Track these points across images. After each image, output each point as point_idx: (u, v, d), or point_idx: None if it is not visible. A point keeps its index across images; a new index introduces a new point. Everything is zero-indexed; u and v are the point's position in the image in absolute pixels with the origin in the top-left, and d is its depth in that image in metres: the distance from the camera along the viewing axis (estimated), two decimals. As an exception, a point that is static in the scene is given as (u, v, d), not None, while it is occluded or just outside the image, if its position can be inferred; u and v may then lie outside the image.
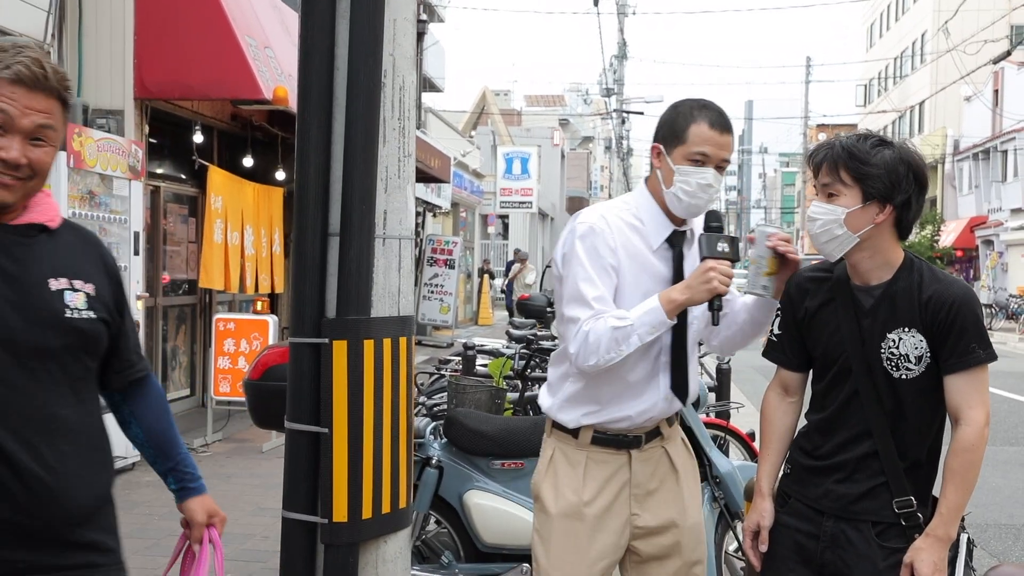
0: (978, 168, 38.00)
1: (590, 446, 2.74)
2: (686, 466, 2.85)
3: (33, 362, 1.85)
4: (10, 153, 1.84)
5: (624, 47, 39.82)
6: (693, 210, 2.68)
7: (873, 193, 2.43)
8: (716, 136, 2.62)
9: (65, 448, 1.89)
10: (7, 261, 1.86)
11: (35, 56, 1.87)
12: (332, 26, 3.16)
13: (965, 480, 2.40)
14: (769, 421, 2.73)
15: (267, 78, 8.31)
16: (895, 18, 50.87)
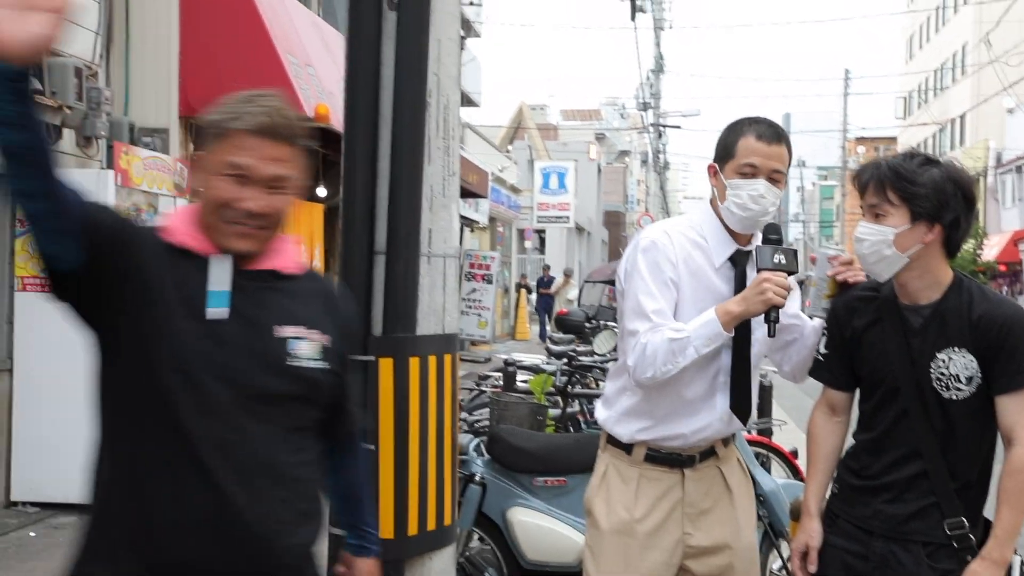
0: (1021, 181, 37.46)
1: (643, 463, 2.74)
2: (741, 487, 2.84)
3: (259, 406, 1.84)
4: (252, 204, 1.85)
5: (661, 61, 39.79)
6: (748, 223, 2.68)
7: (921, 213, 2.42)
8: (763, 147, 2.63)
9: (281, 494, 1.86)
10: (244, 304, 1.87)
11: (275, 105, 1.89)
12: (378, 47, 3.20)
13: (1020, 501, 2.37)
14: (816, 441, 2.72)
15: (309, 96, 8.40)
16: (935, 29, 50.40)
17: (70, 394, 6.64)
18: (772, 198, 2.64)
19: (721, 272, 2.70)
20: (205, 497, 1.79)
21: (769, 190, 2.63)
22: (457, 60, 3.44)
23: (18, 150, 1.60)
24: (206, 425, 1.79)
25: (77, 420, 6.54)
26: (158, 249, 1.86)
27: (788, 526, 3.94)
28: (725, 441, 2.81)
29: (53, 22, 1.54)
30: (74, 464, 6.89)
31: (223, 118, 1.88)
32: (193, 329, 1.81)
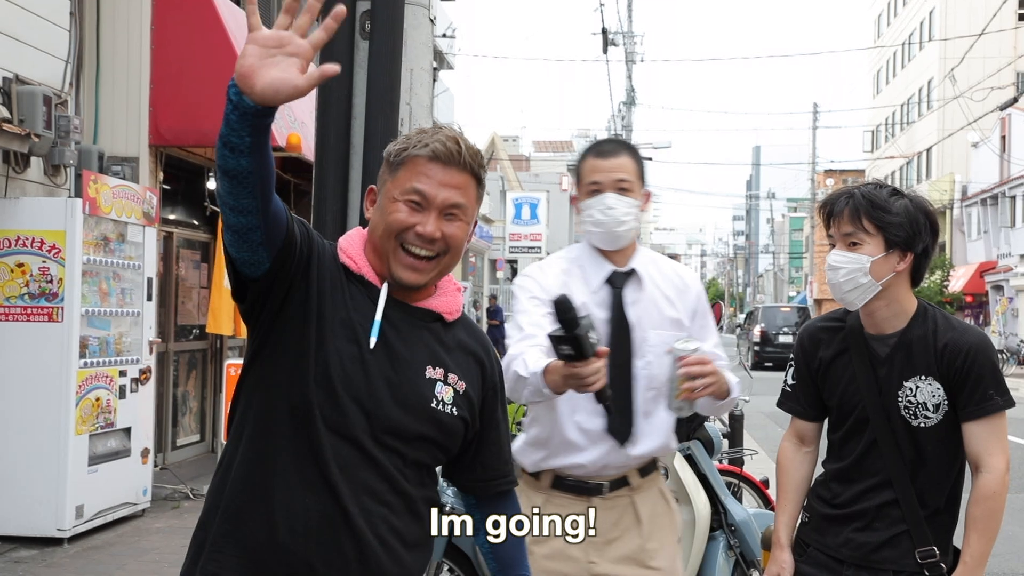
0: (987, 214, 38.03)
1: (550, 489, 2.72)
2: (657, 518, 2.75)
3: (390, 440, 1.86)
4: (427, 228, 1.88)
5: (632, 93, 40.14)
6: (609, 238, 2.70)
7: (895, 242, 2.45)
8: (602, 162, 2.70)
9: (395, 522, 1.87)
10: (397, 339, 1.89)
11: (451, 134, 1.93)
12: (350, 76, 3.20)
13: (988, 528, 2.39)
14: (785, 471, 2.73)
15: (280, 125, 8.39)
16: (901, 65, 51.23)
17: (33, 427, 6.54)
18: (624, 207, 2.67)
19: (598, 296, 2.71)
20: (325, 511, 1.82)
21: (619, 200, 2.67)
22: (430, 90, 3.45)
23: (240, 173, 1.68)
24: (337, 445, 1.83)
25: (40, 453, 6.47)
26: (334, 268, 1.91)
27: (760, 555, 3.94)
28: (643, 471, 2.75)
29: (303, 68, 1.62)
30: (36, 497, 6.82)
31: (403, 147, 1.93)
32: (348, 352, 1.85)
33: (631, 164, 2.72)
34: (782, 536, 2.65)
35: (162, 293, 8.80)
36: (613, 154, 2.72)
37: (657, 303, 2.75)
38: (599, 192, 2.69)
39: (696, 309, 2.81)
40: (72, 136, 7.11)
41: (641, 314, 2.72)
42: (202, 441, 10.08)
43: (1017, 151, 34.07)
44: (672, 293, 2.78)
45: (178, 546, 6.44)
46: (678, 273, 2.86)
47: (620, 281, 2.72)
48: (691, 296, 2.81)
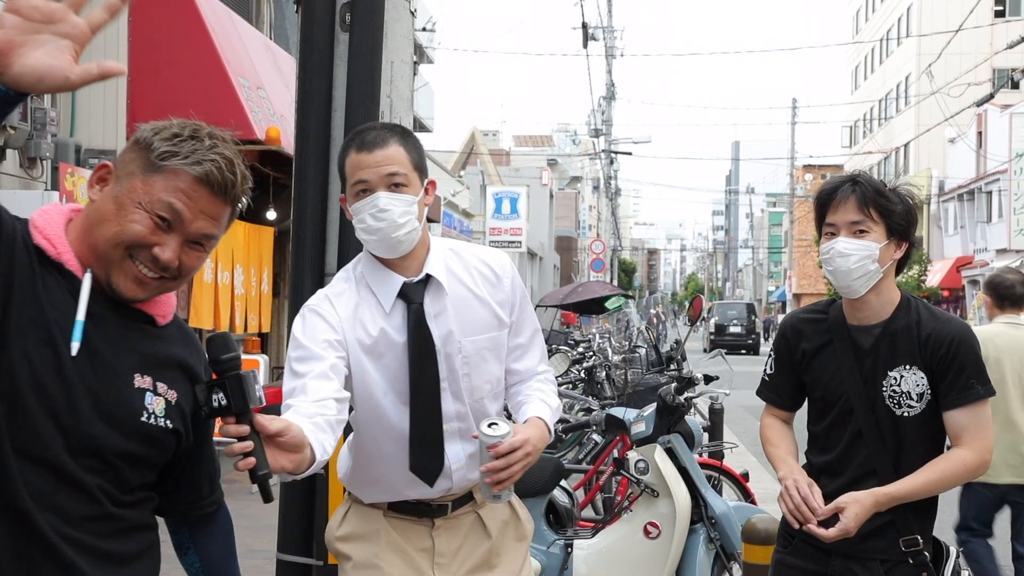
0: (963, 209, 38.34)
1: (388, 511, 2.40)
2: (508, 529, 2.48)
3: (92, 460, 1.62)
4: (164, 254, 1.65)
5: (612, 88, 40.18)
6: (387, 245, 2.27)
7: (896, 230, 2.49)
8: (365, 157, 2.25)
9: (109, 550, 1.67)
10: (101, 341, 1.64)
11: (227, 156, 1.70)
12: (330, 68, 3.19)
13: (937, 480, 2.43)
14: (773, 430, 2.68)
15: (260, 119, 8.35)
16: (879, 61, 51.53)
17: None
18: (400, 207, 2.23)
19: (393, 316, 2.30)
20: (17, 546, 1.56)
21: (393, 199, 2.23)
22: (410, 82, 3.45)
23: None
24: (28, 469, 1.56)
25: None
26: (24, 251, 1.60)
27: (740, 548, 3.96)
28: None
29: (75, 55, 1.36)
30: None
31: (172, 151, 1.66)
32: (41, 357, 1.57)
33: (403, 154, 2.27)
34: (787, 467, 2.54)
35: (140, 287, 8.74)
36: (379, 144, 2.26)
37: (468, 306, 2.36)
38: (367, 192, 2.24)
39: (513, 301, 2.43)
40: (48, 128, 7.05)
41: (450, 326, 2.33)
42: (181, 436, 10.03)
43: (993, 147, 34.34)
44: (483, 290, 2.39)
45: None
46: (485, 262, 2.42)
47: (415, 293, 2.31)
48: (505, 287, 2.41)
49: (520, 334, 2.46)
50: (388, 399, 2.30)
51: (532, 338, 2.50)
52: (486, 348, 2.37)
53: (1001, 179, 33.73)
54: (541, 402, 2.41)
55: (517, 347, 2.46)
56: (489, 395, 2.40)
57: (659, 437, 4.24)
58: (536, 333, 2.52)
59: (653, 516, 4.12)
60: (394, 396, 2.30)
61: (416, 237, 2.30)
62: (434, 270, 2.34)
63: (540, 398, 2.42)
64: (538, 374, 2.49)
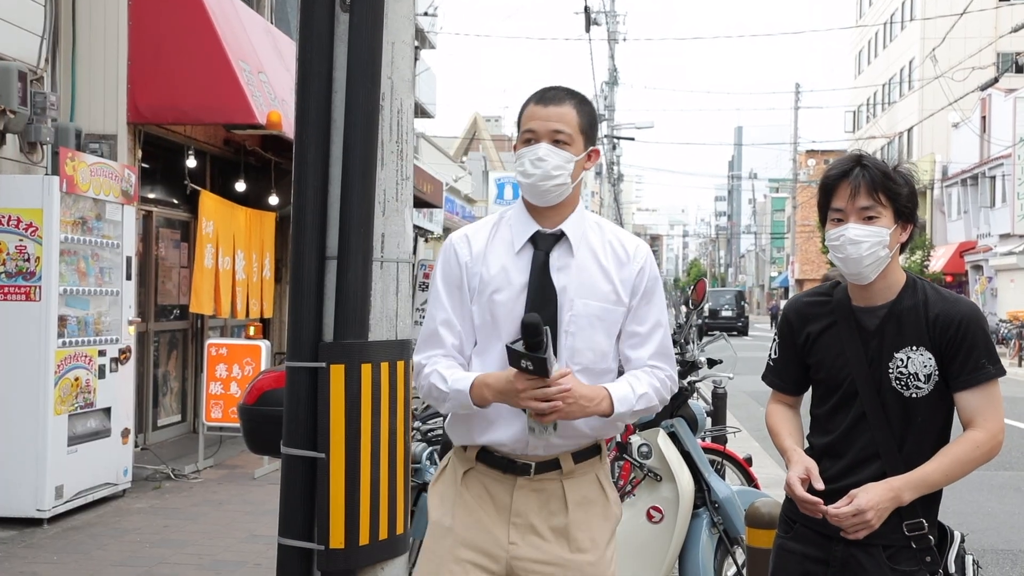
0: (967, 194, 38.23)
1: (476, 461, 2.56)
2: (588, 506, 2.55)
3: None
4: None
5: (615, 73, 40.05)
6: (537, 192, 2.50)
7: (902, 213, 2.46)
8: (539, 110, 2.50)
9: None
10: None
11: None
12: (330, 49, 3.15)
13: (953, 465, 2.38)
14: (777, 418, 2.64)
15: (261, 103, 8.31)
16: (883, 45, 51.29)
17: (11, 407, 6.49)
18: (557, 160, 2.46)
19: (521, 256, 2.52)
20: None
21: (551, 152, 2.46)
22: (411, 64, 3.40)
23: None
24: None
25: (18, 434, 6.41)
26: None
27: (743, 532, 3.94)
28: (579, 455, 2.54)
29: None
30: (15, 478, 6.78)
31: None
32: None
33: (574, 116, 2.50)
34: (794, 452, 2.51)
35: (142, 273, 8.73)
36: (555, 102, 2.50)
37: (588, 270, 2.51)
38: (533, 141, 2.49)
39: (639, 288, 2.55)
40: (48, 113, 7.02)
41: (568, 281, 2.49)
42: (183, 421, 10.03)
43: (997, 131, 34.21)
44: (610, 263, 2.54)
45: (159, 526, 6.41)
46: (622, 242, 2.59)
47: (545, 243, 2.51)
48: (633, 270, 2.55)
49: (641, 323, 2.55)
50: (504, 333, 2.47)
51: (652, 331, 2.56)
52: (596, 316, 2.49)
53: (1005, 164, 33.61)
54: (624, 381, 2.50)
55: (635, 335, 2.55)
56: (589, 366, 2.49)
57: (662, 421, 4.22)
58: (658, 328, 2.58)
59: (656, 500, 4.11)
60: (509, 333, 2.45)
61: (565, 192, 2.50)
62: (570, 229, 2.53)
63: (627, 380, 2.51)
64: (647, 365, 2.55)
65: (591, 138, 2.56)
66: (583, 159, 2.54)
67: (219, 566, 5.61)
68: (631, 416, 2.54)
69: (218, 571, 5.53)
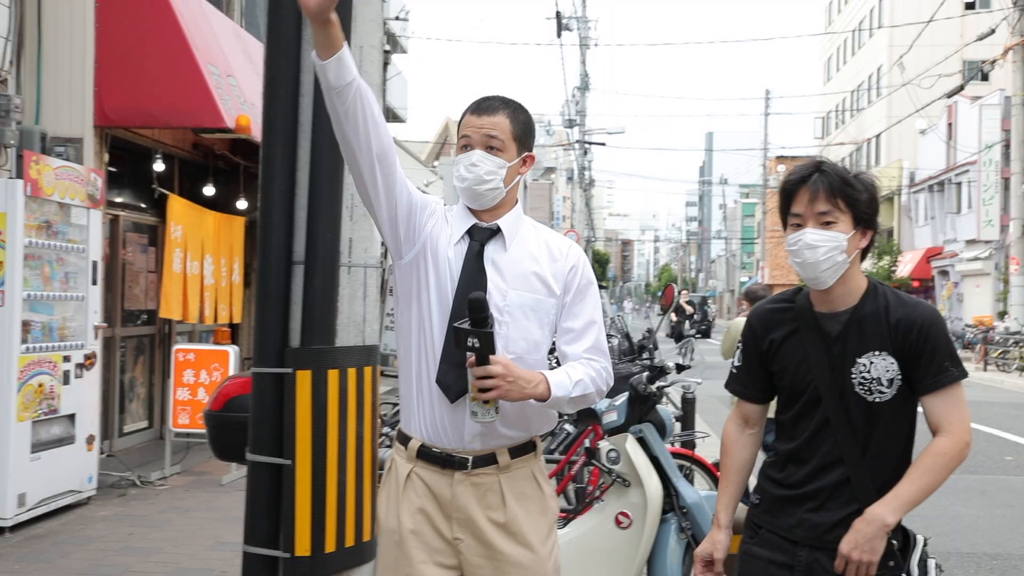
0: (933, 200, 38.65)
1: (416, 459, 2.61)
2: (526, 501, 2.63)
3: None
4: None
5: (586, 78, 40.16)
6: (472, 195, 2.63)
7: (861, 219, 2.47)
8: (474, 119, 2.63)
9: None
10: None
11: None
12: (298, 53, 3.14)
13: (926, 477, 2.40)
14: (728, 452, 2.73)
15: (230, 106, 8.25)
16: (851, 52, 51.80)
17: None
18: (489, 165, 2.59)
19: (458, 247, 2.63)
20: None
21: (485, 158, 2.59)
22: (379, 68, 3.39)
23: None
24: None
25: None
26: None
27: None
28: (515, 451, 2.62)
29: None
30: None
31: None
32: None
33: (507, 124, 2.63)
34: (721, 517, 2.65)
35: (108, 277, 8.63)
36: (489, 111, 2.63)
37: (521, 263, 2.63)
38: (469, 148, 2.62)
39: (571, 285, 2.66)
40: (12, 116, 6.92)
41: (501, 273, 2.60)
42: (150, 427, 9.93)
43: (963, 138, 34.63)
44: (542, 257, 2.66)
45: (125, 534, 6.34)
46: (556, 242, 2.72)
47: (481, 236, 2.64)
48: (565, 266, 2.66)
49: (574, 319, 2.66)
50: (434, 314, 2.58)
51: (586, 328, 2.67)
52: (529, 307, 2.60)
53: (971, 170, 34.03)
54: (560, 370, 2.58)
55: (569, 331, 2.66)
56: (523, 355, 2.56)
57: (631, 426, 4.22)
58: (592, 325, 2.68)
59: (624, 506, 4.11)
60: (439, 315, 2.57)
61: (498, 196, 2.64)
62: (505, 225, 2.65)
63: (563, 368, 2.59)
64: (583, 357, 2.64)
65: (525, 144, 2.69)
66: (517, 164, 2.66)
67: (185, 574, 5.55)
68: (568, 403, 2.60)
69: (184, 579, 5.47)
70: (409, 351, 2.63)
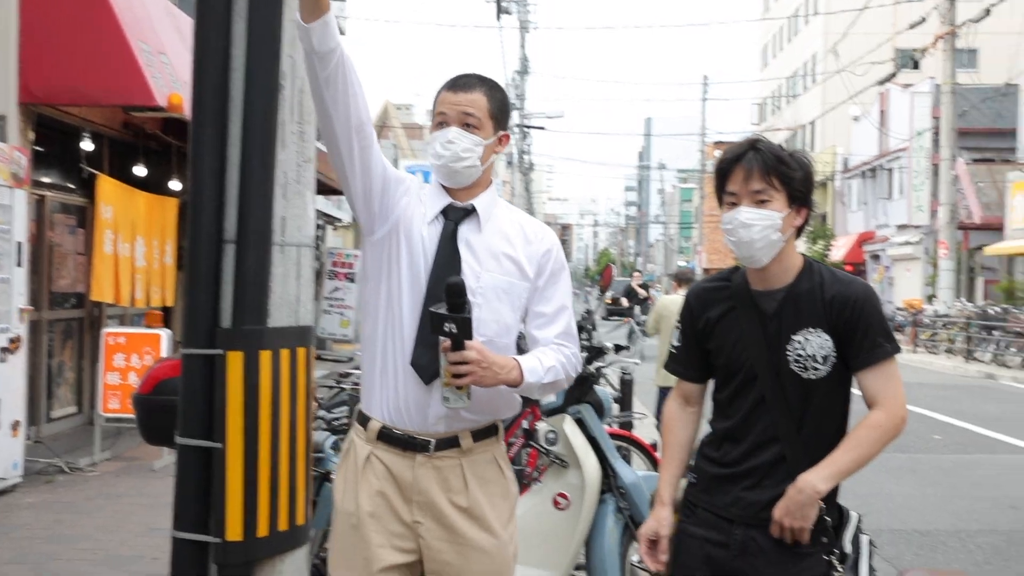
0: (866, 186, 39.37)
1: (377, 441, 2.57)
2: (489, 485, 2.60)
3: None
4: None
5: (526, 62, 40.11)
6: (448, 172, 2.59)
7: (796, 197, 2.47)
8: (451, 95, 2.59)
9: None
10: None
11: None
12: (228, 25, 3.05)
13: (860, 449, 2.42)
14: (670, 430, 2.72)
15: (161, 85, 8.06)
16: (788, 39, 52.44)
17: None
18: (466, 143, 2.55)
19: (432, 227, 2.59)
20: None
21: (461, 135, 2.55)
22: (312, 43, 3.31)
23: None
24: None
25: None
26: None
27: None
28: (478, 435, 2.59)
29: None
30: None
31: None
32: None
33: (484, 101, 2.59)
34: (664, 494, 2.64)
35: (35, 259, 8.38)
36: (466, 88, 2.59)
37: (496, 244, 2.60)
38: (445, 125, 2.58)
39: (544, 268, 2.63)
40: (-68, 91, 6.69)
41: (475, 254, 2.57)
42: (79, 413, 9.70)
43: (895, 125, 35.28)
44: (517, 239, 2.63)
45: (51, 521, 6.18)
46: (531, 225, 2.69)
47: (456, 215, 2.60)
48: (539, 249, 2.63)
49: (546, 303, 2.63)
50: (404, 294, 2.55)
51: (558, 313, 2.64)
52: (502, 289, 2.57)
53: (902, 157, 34.71)
54: (532, 355, 2.56)
55: (540, 315, 2.64)
56: (493, 338, 2.52)
57: (569, 407, 4.21)
58: (563, 311, 2.66)
59: (562, 487, 4.10)
60: (410, 295, 2.54)
61: (474, 174, 2.60)
62: (480, 205, 2.61)
63: (535, 354, 2.57)
64: (553, 343, 2.62)
65: (501, 123, 2.65)
66: (493, 143, 2.63)
67: (114, 561, 5.43)
68: (539, 389, 2.60)
69: (113, 566, 5.35)
70: (375, 330, 2.59)
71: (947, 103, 25.32)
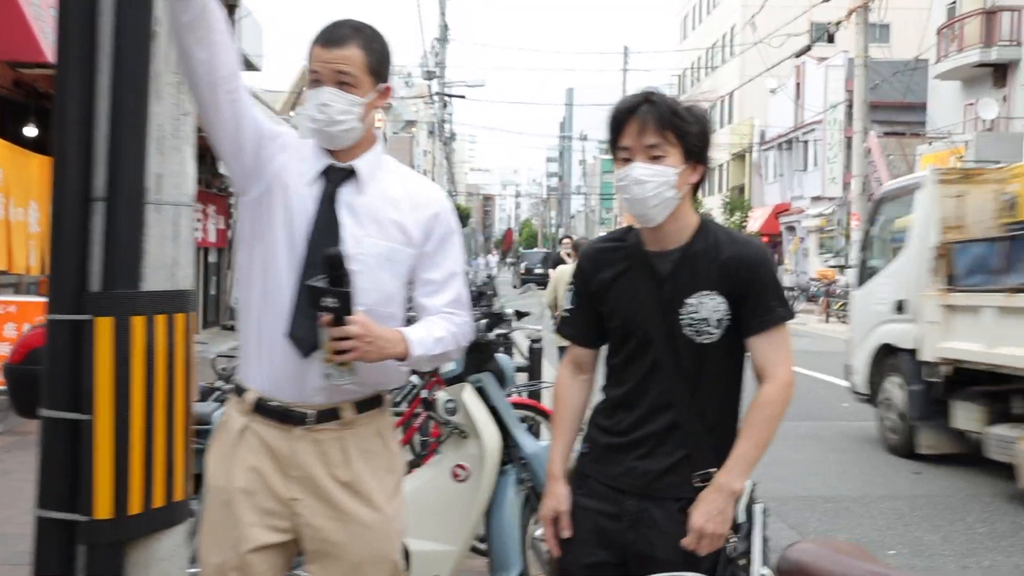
0: (782, 158, 39.99)
1: (252, 413, 2.44)
2: (372, 459, 2.46)
3: None
4: None
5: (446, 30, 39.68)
6: (324, 136, 2.43)
7: (692, 152, 2.36)
8: (323, 52, 2.39)
9: None
10: None
11: None
12: (93, -38, 2.82)
13: (761, 433, 2.35)
14: (561, 399, 2.60)
15: (52, 40, 7.66)
16: (707, 11, 52.83)
17: None
18: (342, 104, 2.37)
19: (312, 188, 2.43)
20: None
21: (336, 95, 2.37)
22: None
23: None
24: None
25: None
26: None
27: (549, 488, 3.87)
28: (361, 406, 2.45)
29: None
30: None
31: None
32: None
33: (359, 56, 2.39)
34: (556, 468, 2.52)
35: (-82, 223, 7.96)
36: (339, 43, 2.38)
37: (378, 208, 2.44)
38: (319, 84, 2.39)
39: (432, 232, 2.48)
40: None
41: (356, 218, 2.42)
42: (-28, 385, 9.28)
43: (810, 98, 35.84)
44: (404, 205, 2.46)
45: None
46: (421, 188, 2.54)
47: (336, 177, 2.43)
48: (427, 213, 2.48)
49: (435, 269, 2.49)
50: (281, 259, 2.40)
51: (447, 281, 2.51)
52: (384, 255, 2.42)
53: (817, 129, 35.30)
54: (420, 326, 2.44)
55: (429, 282, 2.50)
56: (374, 307, 2.36)
57: (469, 376, 4.09)
58: (453, 278, 2.53)
59: (462, 458, 3.98)
60: (287, 261, 2.39)
61: (354, 136, 2.43)
62: (361, 166, 2.45)
63: (424, 324, 2.45)
64: (443, 311, 2.49)
65: (381, 75, 2.47)
66: (374, 99, 2.45)
67: (2, 540, 5.17)
68: (428, 362, 2.47)
69: (-2, 545, 5.10)
70: (250, 297, 2.45)
71: (860, 76, 25.70)
